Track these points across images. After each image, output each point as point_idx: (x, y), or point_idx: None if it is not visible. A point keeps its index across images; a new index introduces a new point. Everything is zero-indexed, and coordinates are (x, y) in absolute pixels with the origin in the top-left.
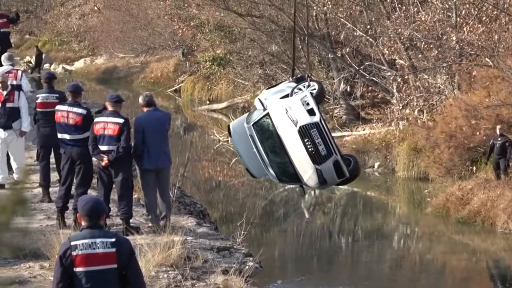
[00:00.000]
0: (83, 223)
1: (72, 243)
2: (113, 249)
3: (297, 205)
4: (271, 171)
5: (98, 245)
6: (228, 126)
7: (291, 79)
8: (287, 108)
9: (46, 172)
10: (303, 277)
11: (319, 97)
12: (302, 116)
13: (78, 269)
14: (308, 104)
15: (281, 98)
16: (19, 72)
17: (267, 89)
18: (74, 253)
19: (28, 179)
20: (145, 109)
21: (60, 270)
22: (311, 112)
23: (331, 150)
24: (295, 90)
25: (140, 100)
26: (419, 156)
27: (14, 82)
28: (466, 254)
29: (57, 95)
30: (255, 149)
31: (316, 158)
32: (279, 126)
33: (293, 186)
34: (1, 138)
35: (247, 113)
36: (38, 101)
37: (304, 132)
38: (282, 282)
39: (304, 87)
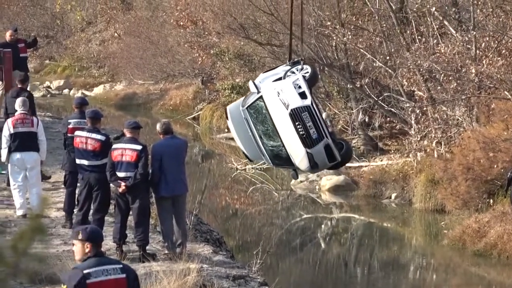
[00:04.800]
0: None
1: (85, 271)
2: (124, 275)
3: (313, 235)
4: (265, 154)
5: (110, 271)
6: (225, 109)
7: (287, 63)
8: (279, 91)
9: (72, 198)
10: None
11: (312, 81)
12: (294, 99)
13: None
14: (300, 87)
15: (274, 81)
16: None
17: (264, 72)
18: (88, 281)
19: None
20: (162, 137)
21: None
22: (302, 95)
23: (322, 134)
24: (288, 73)
25: (158, 127)
26: (436, 188)
27: None
28: (482, 287)
29: None
30: (249, 133)
31: (307, 141)
32: (271, 109)
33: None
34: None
35: (244, 96)
36: (70, 126)
37: (295, 115)
38: None
39: (297, 70)
